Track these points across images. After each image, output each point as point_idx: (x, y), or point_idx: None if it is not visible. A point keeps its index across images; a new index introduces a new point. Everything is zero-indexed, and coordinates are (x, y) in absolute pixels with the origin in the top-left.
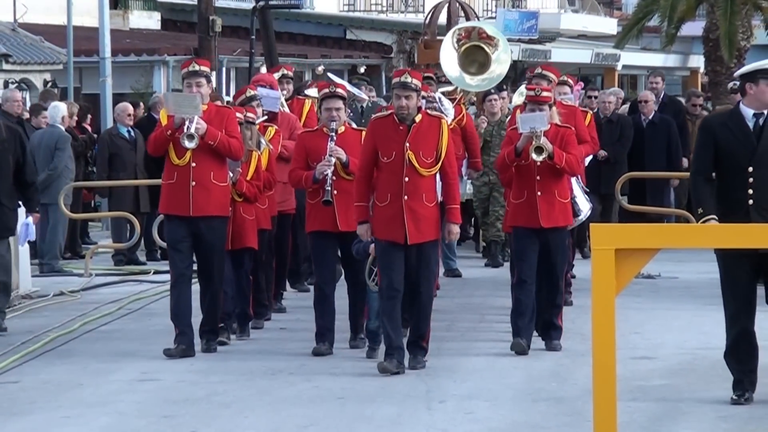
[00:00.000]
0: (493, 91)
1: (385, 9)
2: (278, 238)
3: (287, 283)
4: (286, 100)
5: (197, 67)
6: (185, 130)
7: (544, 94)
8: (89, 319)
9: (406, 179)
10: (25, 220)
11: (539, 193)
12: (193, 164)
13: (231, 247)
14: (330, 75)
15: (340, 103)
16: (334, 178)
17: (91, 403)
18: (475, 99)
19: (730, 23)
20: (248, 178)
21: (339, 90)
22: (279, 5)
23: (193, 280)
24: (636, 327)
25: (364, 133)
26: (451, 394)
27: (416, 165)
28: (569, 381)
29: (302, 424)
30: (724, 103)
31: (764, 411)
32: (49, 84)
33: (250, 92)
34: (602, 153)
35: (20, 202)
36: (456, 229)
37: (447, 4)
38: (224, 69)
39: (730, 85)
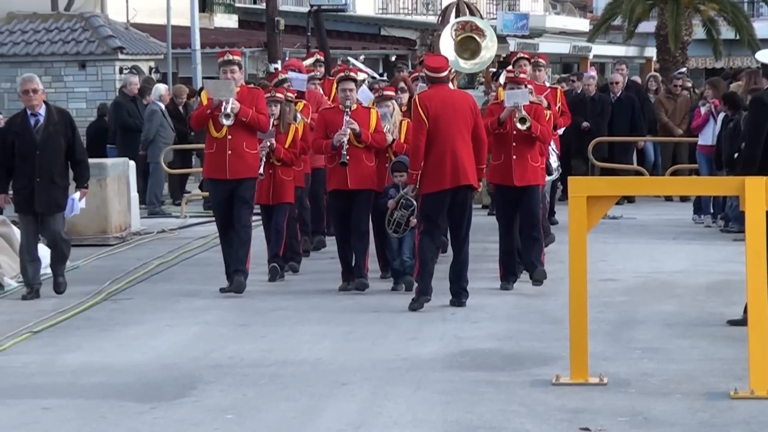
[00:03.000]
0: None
1: (410, 12)
2: (313, 189)
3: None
4: (319, 80)
5: (230, 57)
6: (222, 110)
7: (522, 75)
8: (184, 251)
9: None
10: (72, 196)
11: (514, 157)
12: (229, 137)
13: (272, 202)
14: (351, 59)
15: (352, 85)
16: (348, 145)
17: (186, 315)
18: (483, 79)
19: (675, 22)
20: (286, 146)
21: (352, 74)
22: (328, 9)
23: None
24: (603, 256)
25: (372, 110)
26: (462, 310)
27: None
28: (551, 298)
29: (346, 331)
30: (672, 83)
31: (701, 322)
32: (153, 70)
33: (281, 76)
34: (585, 124)
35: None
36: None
37: (456, 5)
38: (287, 59)
39: (675, 72)
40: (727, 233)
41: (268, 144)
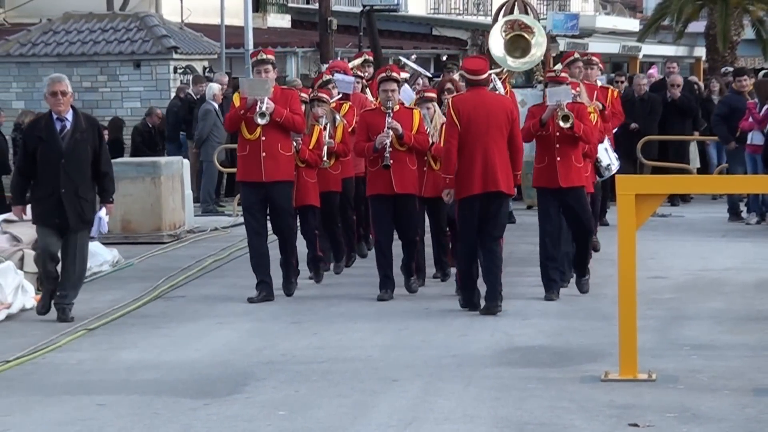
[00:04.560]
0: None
1: (461, 12)
2: (357, 195)
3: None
4: (367, 80)
5: (264, 56)
6: (258, 109)
7: (562, 74)
8: (236, 249)
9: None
10: (98, 213)
11: (558, 159)
12: (263, 138)
13: (295, 205)
14: (402, 59)
15: (394, 86)
16: (390, 148)
17: (238, 312)
18: (543, 78)
19: (725, 22)
20: (310, 147)
21: (394, 74)
22: (381, 9)
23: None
24: (652, 254)
25: (415, 111)
26: (512, 307)
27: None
28: (600, 296)
29: (398, 328)
30: (719, 82)
31: (749, 319)
32: (207, 70)
33: (326, 77)
34: (634, 125)
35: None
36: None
37: (513, 3)
38: (339, 58)
39: (723, 69)
40: None
41: (295, 144)
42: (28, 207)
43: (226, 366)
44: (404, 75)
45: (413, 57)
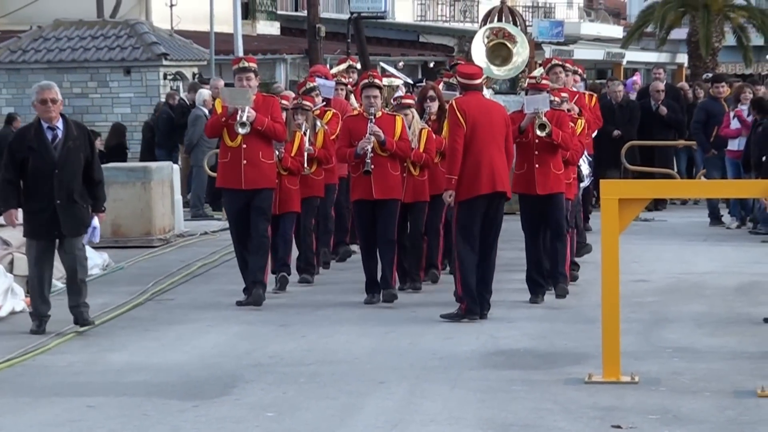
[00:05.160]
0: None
1: (448, 19)
2: (339, 199)
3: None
4: (353, 86)
5: (246, 64)
6: (238, 119)
7: (543, 81)
8: (225, 253)
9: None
10: (93, 223)
11: (537, 166)
12: (244, 145)
13: (278, 211)
14: (383, 65)
15: (377, 92)
16: (372, 154)
17: (227, 315)
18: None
19: (706, 29)
20: (292, 154)
21: (376, 80)
22: (368, 16)
23: None
24: (635, 258)
25: (398, 117)
26: (498, 311)
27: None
28: (584, 299)
29: (384, 331)
30: (703, 87)
31: (730, 321)
32: (197, 76)
33: (310, 84)
34: (616, 132)
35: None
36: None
37: (499, 10)
38: (328, 65)
39: (704, 76)
40: (755, 235)
41: (277, 153)
42: (20, 212)
43: (215, 368)
44: (397, 81)
45: (400, 64)
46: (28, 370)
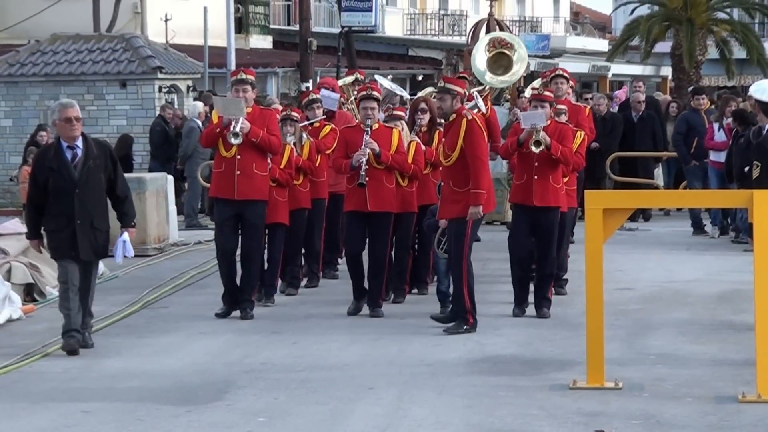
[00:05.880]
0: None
1: (437, 33)
2: (330, 214)
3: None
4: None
5: (244, 76)
6: (231, 129)
7: (546, 93)
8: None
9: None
10: (122, 237)
11: (536, 177)
12: (238, 156)
13: (266, 221)
14: (377, 77)
15: (374, 104)
16: (367, 166)
17: (220, 323)
18: (509, 96)
19: (690, 43)
20: (281, 166)
21: (374, 93)
22: (359, 30)
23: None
24: (619, 266)
25: (395, 129)
26: (484, 319)
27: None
28: (569, 306)
29: (373, 338)
30: (686, 100)
31: (712, 329)
32: (191, 89)
33: (312, 96)
34: (594, 144)
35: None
36: (474, 210)
37: (486, 21)
38: (318, 77)
39: (690, 88)
40: (737, 244)
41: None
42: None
43: (208, 374)
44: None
45: (389, 77)
46: (25, 377)
